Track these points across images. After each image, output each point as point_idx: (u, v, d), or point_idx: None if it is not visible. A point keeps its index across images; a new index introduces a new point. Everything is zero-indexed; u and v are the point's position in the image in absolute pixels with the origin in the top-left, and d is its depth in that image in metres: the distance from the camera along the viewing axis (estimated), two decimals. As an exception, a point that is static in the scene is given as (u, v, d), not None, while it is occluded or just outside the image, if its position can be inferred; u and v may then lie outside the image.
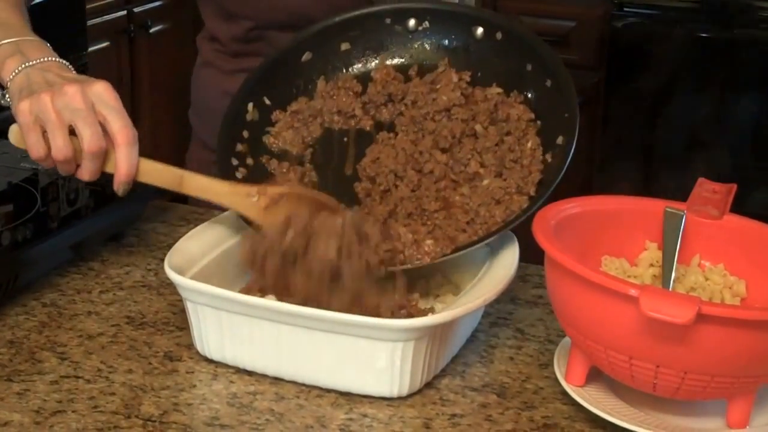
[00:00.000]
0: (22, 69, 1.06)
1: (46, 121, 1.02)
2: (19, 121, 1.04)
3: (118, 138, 1.02)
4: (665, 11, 2.97)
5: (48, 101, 1.02)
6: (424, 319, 0.94)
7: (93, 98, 1.03)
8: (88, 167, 1.03)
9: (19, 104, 1.04)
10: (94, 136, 1.02)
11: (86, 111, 1.02)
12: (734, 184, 1.05)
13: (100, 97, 1.03)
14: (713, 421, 0.93)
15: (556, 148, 1.07)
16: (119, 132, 1.02)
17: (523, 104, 1.11)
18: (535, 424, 0.93)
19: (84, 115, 1.02)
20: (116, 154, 1.02)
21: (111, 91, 1.04)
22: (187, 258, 1.02)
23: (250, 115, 1.16)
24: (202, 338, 0.99)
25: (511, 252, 1.04)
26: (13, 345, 1.02)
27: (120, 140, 1.02)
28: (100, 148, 1.02)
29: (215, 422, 0.91)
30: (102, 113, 1.03)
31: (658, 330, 0.85)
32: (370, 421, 0.92)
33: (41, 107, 1.02)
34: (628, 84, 2.91)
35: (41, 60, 1.07)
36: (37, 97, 1.02)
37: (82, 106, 1.02)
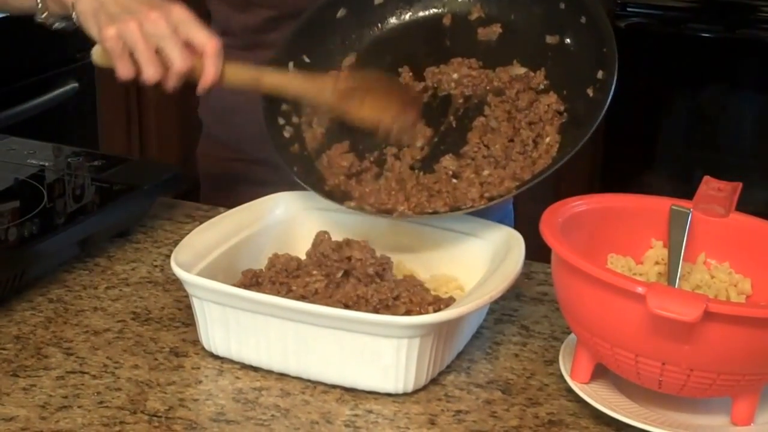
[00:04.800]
0: None
1: (135, 48, 1.09)
2: (108, 47, 1.10)
3: (207, 49, 1.10)
4: (668, 11, 2.97)
5: (135, 28, 1.08)
6: (429, 316, 0.94)
7: (175, 21, 1.10)
8: (174, 81, 1.11)
9: (106, 31, 1.09)
10: (181, 57, 1.09)
11: (171, 34, 1.09)
12: (740, 183, 1.05)
13: (181, 19, 1.10)
14: (718, 419, 0.93)
15: (597, 82, 1.07)
16: (207, 44, 1.10)
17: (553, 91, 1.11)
18: (540, 421, 0.93)
19: (171, 39, 1.09)
20: (205, 62, 1.10)
21: (188, 11, 1.11)
22: (194, 254, 1.02)
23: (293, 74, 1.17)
24: (208, 334, 0.99)
25: (516, 249, 1.04)
26: (19, 340, 1.02)
27: (209, 51, 1.10)
28: (187, 68, 1.10)
29: (221, 418, 0.91)
30: (185, 33, 1.10)
31: (665, 327, 0.85)
32: (375, 417, 0.92)
33: (129, 34, 1.09)
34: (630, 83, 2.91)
35: None
36: (124, 25, 1.09)
37: (167, 32, 1.09)
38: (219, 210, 1.25)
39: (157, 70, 1.09)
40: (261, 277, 1.03)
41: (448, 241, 1.11)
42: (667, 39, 2.94)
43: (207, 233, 1.06)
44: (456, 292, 1.07)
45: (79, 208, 1.21)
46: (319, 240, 1.05)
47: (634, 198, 1.05)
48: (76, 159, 1.29)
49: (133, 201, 1.23)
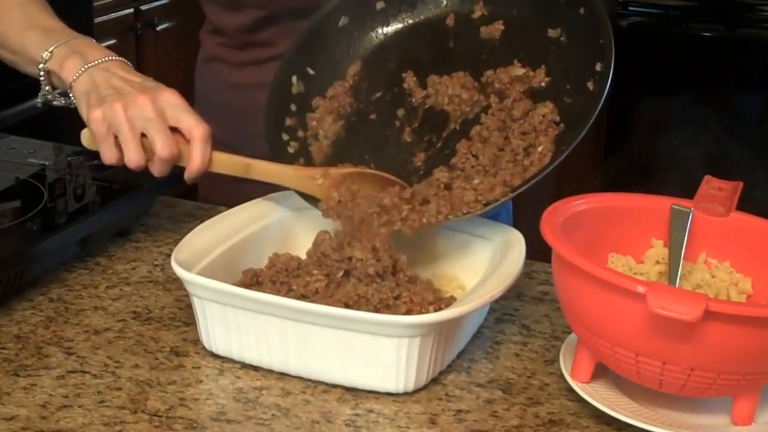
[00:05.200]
0: (85, 70, 1.11)
1: (119, 130, 1.08)
2: (92, 129, 1.09)
3: (195, 134, 1.08)
4: (669, 10, 2.97)
5: (120, 111, 1.07)
6: (430, 316, 0.94)
7: (163, 105, 1.08)
8: (160, 168, 1.09)
9: (92, 113, 1.08)
10: (166, 142, 1.07)
11: (157, 119, 1.07)
12: (740, 182, 1.05)
13: (169, 103, 1.09)
14: (719, 418, 0.93)
15: (596, 75, 1.07)
16: (194, 128, 1.08)
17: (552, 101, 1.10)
18: (540, 420, 0.93)
19: (155, 123, 1.07)
20: (192, 149, 1.08)
21: (179, 96, 1.10)
22: (194, 253, 1.02)
23: (296, 88, 1.17)
24: (209, 333, 0.99)
25: (517, 249, 1.04)
26: (19, 340, 1.02)
27: (196, 137, 1.08)
28: (172, 154, 1.08)
29: (221, 417, 0.91)
30: (174, 116, 1.08)
31: (665, 327, 0.85)
32: (376, 417, 0.92)
33: (114, 117, 1.07)
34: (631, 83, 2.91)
35: (101, 60, 1.12)
36: (110, 107, 1.08)
37: (153, 115, 1.07)
38: (219, 209, 1.25)
39: (140, 155, 1.08)
40: (261, 276, 1.03)
41: (448, 240, 1.11)
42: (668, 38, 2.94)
43: (207, 232, 1.06)
44: (456, 292, 1.07)
45: (80, 208, 1.21)
46: (320, 240, 1.05)
47: (634, 197, 1.04)
48: (77, 158, 1.29)
49: (134, 200, 1.23)
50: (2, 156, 1.29)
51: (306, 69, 1.18)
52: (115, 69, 1.12)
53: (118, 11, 2.77)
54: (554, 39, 1.12)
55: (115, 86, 1.10)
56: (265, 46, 1.33)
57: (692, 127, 2.89)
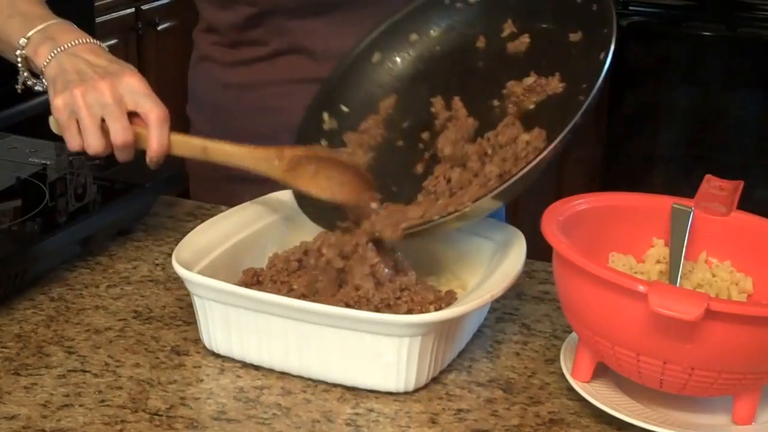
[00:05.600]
0: (55, 55, 1.11)
1: (79, 117, 1.08)
2: (56, 116, 1.09)
3: (150, 118, 1.08)
4: (669, 10, 2.97)
5: (79, 97, 1.07)
6: (430, 315, 0.94)
7: (122, 90, 1.08)
8: (120, 155, 1.09)
9: (55, 99, 1.09)
10: (120, 131, 1.07)
11: (114, 105, 1.07)
12: (741, 181, 1.05)
13: (129, 88, 1.08)
14: (719, 418, 0.93)
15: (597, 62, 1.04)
16: (150, 112, 1.08)
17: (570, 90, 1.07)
18: (541, 420, 0.93)
19: (111, 110, 1.07)
20: (149, 133, 1.08)
21: (140, 80, 1.09)
22: (195, 253, 1.02)
23: (327, 125, 1.16)
24: (209, 333, 0.99)
25: (518, 248, 1.04)
26: (20, 339, 1.02)
27: (152, 121, 1.08)
28: (126, 141, 1.08)
29: (222, 416, 0.91)
30: (132, 101, 1.08)
31: (666, 326, 0.85)
32: (376, 416, 0.92)
33: (74, 103, 1.07)
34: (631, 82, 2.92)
35: (71, 44, 1.12)
36: (70, 93, 1.08)
37: (110, 101, 1.07)
38: (220, 208, 1.25)
39: (99, 141, 1.07)
40: (262, 275, 1.03)
41: (449, 239, 1.11)
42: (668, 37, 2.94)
43: (208, 232, 1.06)
44: (457, 291, 1.07)
45: (81, 207, 1.21)
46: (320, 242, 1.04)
47: (635, 196, 1.04)
48: (78, 158, 1.29)
49: (135, 199, 1.23)
50: (3, 155, 1.30)
51: (339, 106, 1.17)
52: (82, 53, 1.12)
53: (119, 11, 2.77)
54: (575, 42, 1.11)
55: (80, 71, 1.09)
56: (256, 45, 1.33)
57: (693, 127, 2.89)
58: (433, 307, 0.98)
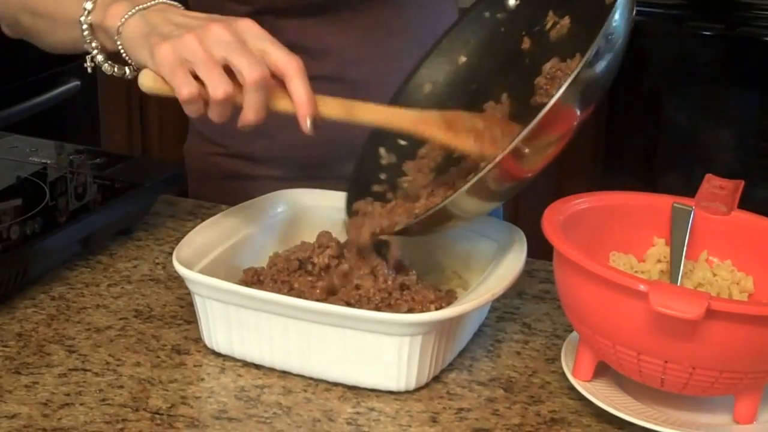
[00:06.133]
0: (135, 12, 0.99)
1: (196, 61, 0.93)
2: (160, 67, 0.95)
3: (289, 69, 0.94)
4: (669, 9, 2.97)
5: (194, 41, 0.93)
6: (431, 314, 0.94)
7: (243, 34, 0.95)
8: (253, 101, 0.94)
9: (156, 50, 0.94)
10: (255, 63, 0.93)
11: (239, 43, 0.93)
12: (742, 180, 1.05)
13: (249, 32, 0.95)
14: (720, 417, 0.93)
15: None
16: (287, 63, 0.94)
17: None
18: (542, 419, 0.93)
19: (237, 47, 0.93)
20: (291, 86, 0.94)
21: (258, 26, 0.96)
22: (195, 252, 1.02)
23: (386, 160, 1.13)
24: (210, 332, 0.99)
25: (519, 247, 1.04)
26: (21, 338, 1.02)
27: (292, 71, 0.94)
28: (263, 75, 0.93)
29: (223, 415, 0.91)
30: (258, 47, 0.94)
31: (667, 325, 0.85)
32: (377, 415, 0.92)
33: (187, 48, 0.93)
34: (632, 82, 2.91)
35: (150, 3, 1.00)
36: (179, 40, 0.94)
37: (233, 39, 0.93)
38: (221, 207, 1.25)
39: (227, 82, 0.93)
40: (263, 275, 1.03)
41: (449, 238, 1.11)
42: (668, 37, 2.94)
43: (209, 231, 1.06)
44: (458, 290, 1.07)
45: (81, 206, 1.21)
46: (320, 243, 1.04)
47: (636, 196, 1.04)
48: (78, 157, 1.30)
49: (135, 198, 1.23)
50: (4, 154, 1.30)
51: (396, 140, 1.13)
52: (172, 11, 1.00)
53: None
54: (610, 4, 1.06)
55: (179, 23, 0.97)
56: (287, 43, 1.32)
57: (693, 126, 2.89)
58: (433, 306, 0.98)
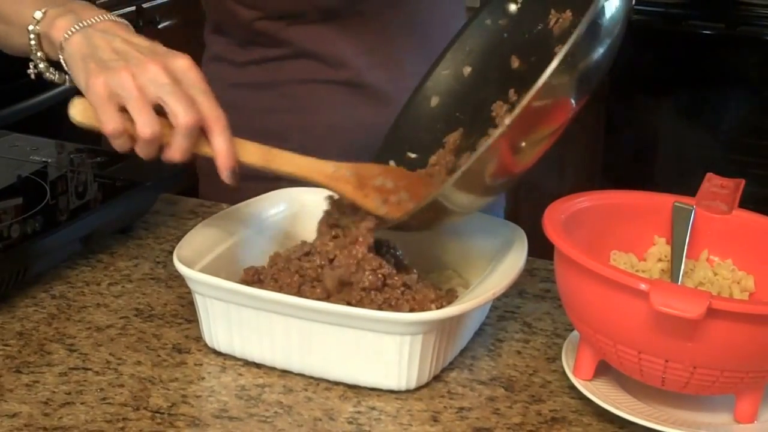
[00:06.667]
0: (79, 29, 0.99)
1: (127, 98, 0.94)
2: (91, 97, 0.95)
3: (215, 123, 0.96)
4: (669, 8, 2.97)
5: (128, 78, 0.94)
6: (432, 313, 0.94)
7: (178, 75, 0.96)
8: (181, 144, 0.95)
9: (91, 80, 0.95)
10: (188, 109, 0.94)
11: (173, 86, 0.94)
12: (742, 179, 1.05)
13: (185, 76, 0.96)
14: (721, 416, 0.93)
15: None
16: (215, 118, 0.96)
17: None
18: (542, 418, 0.93)
19: (171, 89, 0.94)
20: (213, 140, 0.96)
21: (195, 69, 0.97)
22: (196, 250, 1.02)
23: None
24: (211, 331, 0.99)
25: (519, 246, 1.04)
26: (22, 336, 1.02)
27: (217, 126, 0.96)
28: (195, 121, 0.94)
29: (224, 414, 0.91)
30: (190, 93, 0.95)
31: (668, 324, 0.85)
32: (378, 414, 0.92)
33: (121, 84, 0.94)
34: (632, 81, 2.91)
35: (96, 19, 1.00)
36: (114, 73, 0.94)
37: (168, 81, 0.94)
38: (221, 206, 1.25)
39: (154, 122, 0.94)
40: (263, 274, 1.03)
41: (450, 236, 1.11)
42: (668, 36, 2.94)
43: (210, 230, 1.06)
44: (458, 289, 1.07)
45: (82, 205, 1.21)
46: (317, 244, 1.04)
47: (636, 195, 1.04)
48: (79, 155, 1.30)
49: (136, 197, 1.23)
50: (4, 153, 1.30)
51: (405, 153, 1.13)
52: (116, 31, 0.99)
53: (119, 9, 2.77)
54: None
55: (119, 50, 0.97)
56: (266, 47, 1.33)
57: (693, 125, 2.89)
58: (434, 305, 0.98)
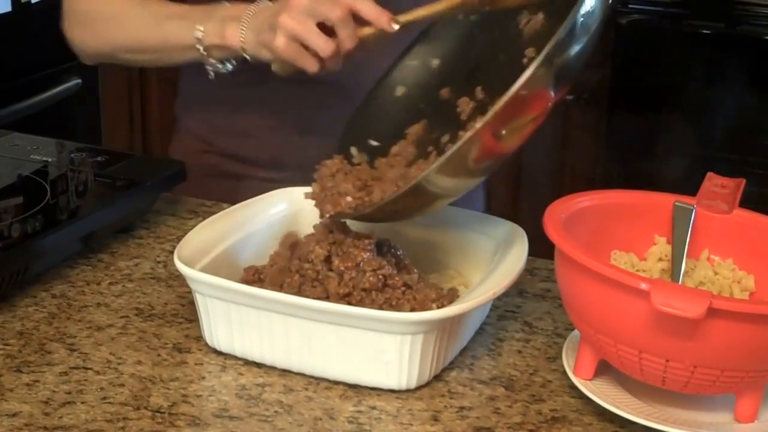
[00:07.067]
0: (244, 30, 1.15)
1: (299, 35, 1.08)
2: (285, 56, 1.11)
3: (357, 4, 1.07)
4: (669, 7, 2.97)
5: (285, 19, 1.09)
6: (432, 313, 0.94)
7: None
8: (343, 32, 1.08)
9: (274, 46, 1.10)
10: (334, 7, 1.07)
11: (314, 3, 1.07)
12: (743, 179, 1.05)
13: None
14: (722, 416, 0.93)
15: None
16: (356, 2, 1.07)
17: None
18: (543, 417, 0.93)
19: (315, 5, 1.08)
20: (361, 11, 1.07)
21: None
22: (197, 250, 1.02)
23: (358, 159, 1.12)
24: (211, 330, 0.99)
25: (520, 245, 1.04)
26: (22, 336, 1.02)
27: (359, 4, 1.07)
28: (344, 13, 1.07)
29: (224, 414, 0.91)
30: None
31: (668, 324, 0.85)
32: (378, 414, 0.92)
33: (287, 30, 1.09)
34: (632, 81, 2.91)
35: (247, 12, 1.16)
36: (279, 29, 1.09)
37: (307, 3, 1.08)
38: (222, 206, 1.25)
39: (327, 41, 1.08)
40: (263, 273, 1.03)
41: (450, 236, 1.11)
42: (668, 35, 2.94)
43: (210, 229, 1.06)
44: (459, 288, 1.07)
45: (82, 204, 1.21)
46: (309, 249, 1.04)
47: (637, 194, 1.04)
48: (79, 155, 1.29)
49: (136, 197, 1.23)
50: (5, 153, 1.30)
51: (367, 141, 1.13)
52: (258, 6, 1.16)
53: None
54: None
55: (273, 14, 1.11)
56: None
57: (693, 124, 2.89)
58: (435, 305, 0.98)
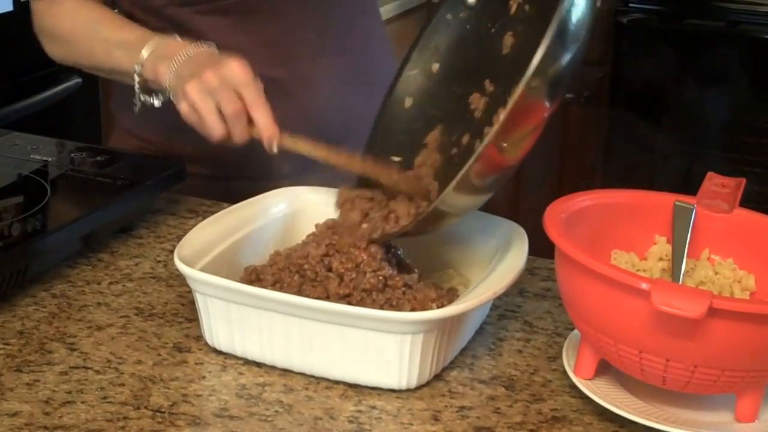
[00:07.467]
0: (173, 74, 1.19)
1: (198, 109, 1.14)
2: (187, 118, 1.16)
3: (254, 107, 1.12)
4: (669, 7, 2.97)
5: (193, 91, 1.14)
6: (433, 312, 0.94)
7: (226, 76, 1.13)
8: (234, 128, 1.13)
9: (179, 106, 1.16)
10: (232, 101, 1.12)
11: (221, 86, 1.13)
12: (743, 178, 1.05)
13: (231, 74, 1.13)
14: (722, 415, 0.93)
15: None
16: (254, 103, 1.12)
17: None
18: (543, 417, 0.93)
19: (218, 89, 1.12)
20: (254, 117, 1.12)
21: (241, 67, 1.14)
22: (197, 249, 1.02)
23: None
24: (211, 330, 0.99)
25: (520, 245, 1.04)
26: (22, 335, 1.02)
27: (255, 108, 1.12)
28: (238, 109, 1.12)
29: (224, 413, 0.91)
30: (235, 89, 1.13)
31: (669, 324, 0.85)
32: (378, 413, 0.92)
33: (191, 100, 1.14)
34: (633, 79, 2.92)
35: (182, 58, 1.19)
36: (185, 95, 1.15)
37: (216, 84, 1.13)
38: (222, 205, 1.24)
39: (219, 129, 1.13)
40: (263, 273, 1.03)
41: (451, 236, 1.11)
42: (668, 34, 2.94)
43: (210, 229, 1.06)
44: (459, 288, 1.07)
45: (82, 204, 1.21)
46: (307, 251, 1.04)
47: (637, 194, 1.04)
48: (79, 154, 1.29)
49: (136, 196, 1.23)
50: (5, 152, 1.30)
51: (389, 157, 1.13)
52: (197, 56, 1.19)
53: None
54: None
55: (191, 74, 1.15)
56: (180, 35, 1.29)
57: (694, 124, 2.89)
58: (435, 304, 0.98)
